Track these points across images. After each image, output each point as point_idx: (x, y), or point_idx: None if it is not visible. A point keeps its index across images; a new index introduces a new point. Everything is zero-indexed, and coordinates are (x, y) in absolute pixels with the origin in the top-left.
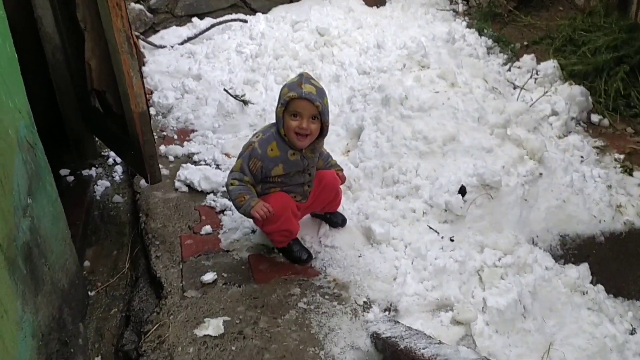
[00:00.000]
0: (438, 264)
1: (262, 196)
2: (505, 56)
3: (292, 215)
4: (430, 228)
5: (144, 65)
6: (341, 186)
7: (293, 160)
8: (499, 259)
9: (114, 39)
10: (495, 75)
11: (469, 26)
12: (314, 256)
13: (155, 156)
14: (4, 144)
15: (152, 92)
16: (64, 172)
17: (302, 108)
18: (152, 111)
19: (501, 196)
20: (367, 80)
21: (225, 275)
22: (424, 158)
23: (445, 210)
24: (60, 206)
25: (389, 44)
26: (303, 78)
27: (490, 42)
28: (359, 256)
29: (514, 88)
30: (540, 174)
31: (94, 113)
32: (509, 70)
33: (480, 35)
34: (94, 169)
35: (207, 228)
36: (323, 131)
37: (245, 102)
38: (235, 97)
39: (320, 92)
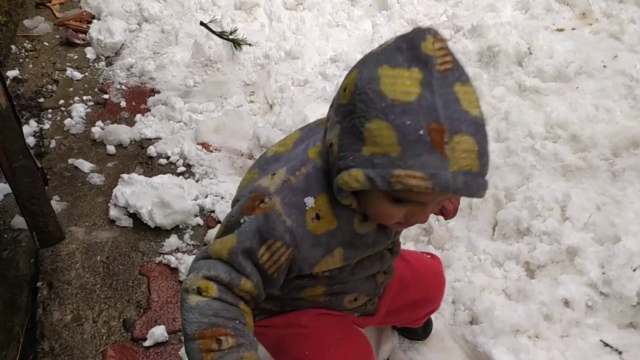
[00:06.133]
0: None
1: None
2: None
3: None
4: (606, 345)
5: None
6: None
7: (364, 235)
8: None
9: None
10: None
11: None
12: None
13: (44, 197)
14: None
15: (90, 21)
16: None
17: (433, 199)
18: (90, 54)
19: None
20: None
21: None
22: (574, 180)
23: (637, 306)
24: None
25: None
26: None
27: None
28: None
29: None
30: None
31: None
32: None
33: None
34: None
35: (158, 331)
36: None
37: (237, 43)
38: (221, 34)
39: (483, 158)
